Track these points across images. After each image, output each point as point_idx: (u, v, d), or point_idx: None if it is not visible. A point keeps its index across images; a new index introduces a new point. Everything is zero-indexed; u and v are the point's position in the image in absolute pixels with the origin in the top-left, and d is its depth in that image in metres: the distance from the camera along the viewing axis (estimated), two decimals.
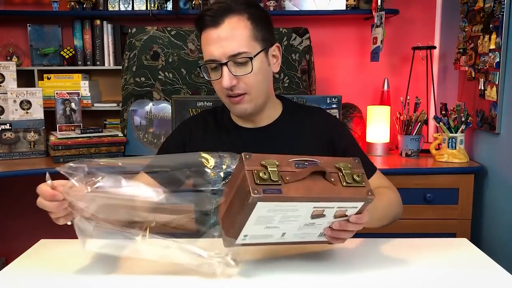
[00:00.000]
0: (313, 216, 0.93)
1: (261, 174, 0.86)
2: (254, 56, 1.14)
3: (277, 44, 1.22)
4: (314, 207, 0.91)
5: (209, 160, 0.98)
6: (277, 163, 0.89)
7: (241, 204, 0.87)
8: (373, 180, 1.27)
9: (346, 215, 0.94)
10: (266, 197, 0.85)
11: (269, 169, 0.88)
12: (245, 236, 0.92)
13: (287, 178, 0.88)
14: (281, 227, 0.94)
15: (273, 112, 1.27)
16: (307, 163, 0.92)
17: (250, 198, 0.84)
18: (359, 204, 0.93)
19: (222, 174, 0.97)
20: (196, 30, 1.20)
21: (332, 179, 0.91)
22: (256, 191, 0.84)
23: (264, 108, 1.24)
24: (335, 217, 0.94)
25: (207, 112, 1.34)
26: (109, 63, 2.54)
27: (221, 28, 1.13)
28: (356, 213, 0.94)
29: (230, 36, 1.12)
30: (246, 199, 0.85)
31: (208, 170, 0.97)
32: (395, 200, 1.24)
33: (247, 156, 0.89)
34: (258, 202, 0.85)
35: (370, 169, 1.28)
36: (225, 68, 1.13)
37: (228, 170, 0.97)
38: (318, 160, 0.94)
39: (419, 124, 2.26)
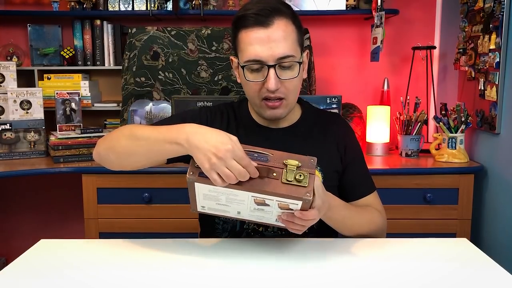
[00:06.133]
0: (257, 203, 0.96)
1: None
2: (300, 61, 1.14)
3: (307, 50, 1.22)
4: (252, 196, 0.94)
5: None
6: None
7: None
8: (368, 198, 1.27)
9: (291, 209, 0.96)
10: (200, 179, 0.93)
11: None
12: (202, 207, 1.02)
13: None
14: (232, 206, 0.99)
15: (292, 115, 1.26)
16: (256, 155, 0.95)
17: (187, 178, 0.94)
18: (298, 202, 0.93)
19: None
20: (234, 28, 1.16)
21: (274, 174, 0.94)
22: (192, 173, 0.94)
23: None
24: (281, 208, 0.96)
25: (227, 106, 1.31)
26: (109, 63, 2.54)
27: (271, 29, 1.09)
28: (302, 209, 0.95)
29: (280, 38, 1.09)
30: None
31: None
32: (379, 225, 1.24)
33: None
34: (195, 183, 0.94)
35: (369, 187, 1.29)
36: (272, 70, 1.10)
37: None
38: (270, 153, 0.96)
39: (419, 124, 2.26)
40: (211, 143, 0.93)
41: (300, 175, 0.93)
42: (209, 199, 0.98)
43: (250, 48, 1.10)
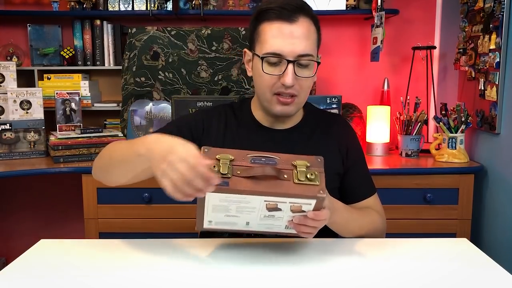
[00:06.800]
0: (269, 209, 0.95)
1: (211, 167, 0.91)
2: (318, 61, 1.15)
3: (320, 55, 1.22)
4: (265, 201, 0.93)
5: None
6: (231, 157, 0.93)
7: None
8: (368, 200, 1.27)
9: (304, 211, 0.96)
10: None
11: (221, 162, 0.92)
12: (209, 221, 1.00)
13: (238, 172, 0.92)
14: (241, 217, 0.98)
15: (295, 115, 1.26)
16: (264, 159, 0.95)
17: None
18: (312, 201, 0.94)
19: None
20: (254, 21, 1.16)
21: (285, 176, 0.93)
22: None
23: None
24: (293, 211, 0.96)
25: (227, 107, 1.30)
26: (109, 63, 2.54)
27: (296, 26, 1.11)
28: (314, 210, 0.95)
29: (304, 36, 1.11)
30: None
31: None
32: (379, 227, 1.25)
33: (206, 150, 0.94)
34: (207, 192, 0.90)
35: (370, 189, 1.29)
36: (291, 66, 1.11)
37: None
38: (277, 157, 0.96)
39: (419, 124, 2.26)
40: (164, 150, 0.89)
41: (311, 174, 0.94)
42: (218, 211, 0.96)
43: (272, 41, 1.11)
